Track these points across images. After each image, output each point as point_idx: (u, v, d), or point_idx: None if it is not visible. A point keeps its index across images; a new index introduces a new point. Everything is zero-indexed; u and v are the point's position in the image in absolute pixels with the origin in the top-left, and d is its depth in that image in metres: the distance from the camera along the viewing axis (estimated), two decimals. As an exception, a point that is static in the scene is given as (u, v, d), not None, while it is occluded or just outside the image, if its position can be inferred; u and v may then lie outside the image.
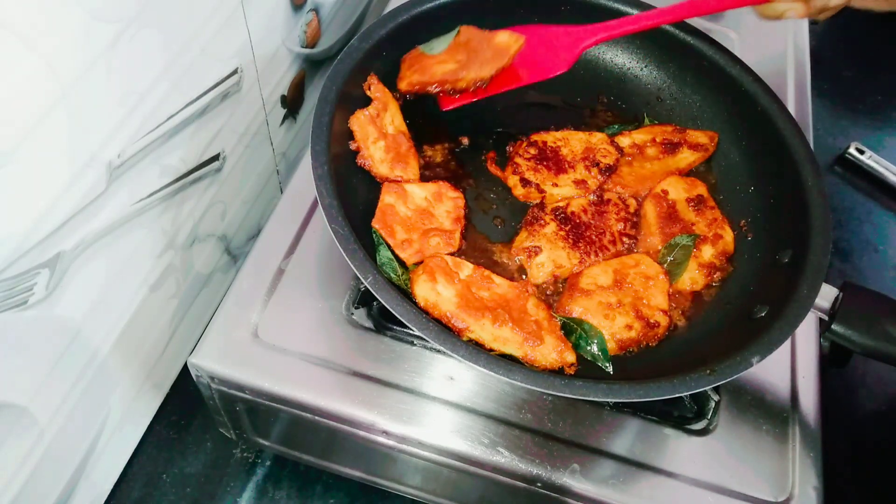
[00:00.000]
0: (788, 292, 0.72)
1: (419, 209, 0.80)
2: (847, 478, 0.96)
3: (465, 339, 0.69)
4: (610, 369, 0.73)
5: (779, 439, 0.74)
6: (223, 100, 0.85)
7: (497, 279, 0.76)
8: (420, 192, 0.81)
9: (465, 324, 0.70)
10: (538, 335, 0.72)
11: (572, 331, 0.75)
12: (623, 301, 0.77)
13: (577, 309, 0.77)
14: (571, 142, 0.89)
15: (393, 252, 0.76)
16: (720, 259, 0.83)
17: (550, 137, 0.89)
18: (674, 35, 0.93)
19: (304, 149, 0.91)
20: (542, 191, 0.85)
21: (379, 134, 0.82)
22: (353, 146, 0.81)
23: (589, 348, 0.74)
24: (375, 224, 0.76)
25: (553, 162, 0.87)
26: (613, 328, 0.76)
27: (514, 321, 0.72)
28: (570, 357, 0.72)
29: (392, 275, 0.74)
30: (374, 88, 0.85)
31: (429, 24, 0.89)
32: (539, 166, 0.86)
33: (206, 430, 0.94)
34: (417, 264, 0.76)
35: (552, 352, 0.71)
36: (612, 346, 0.75)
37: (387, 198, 0.79)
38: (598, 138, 0.90)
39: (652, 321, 0.77)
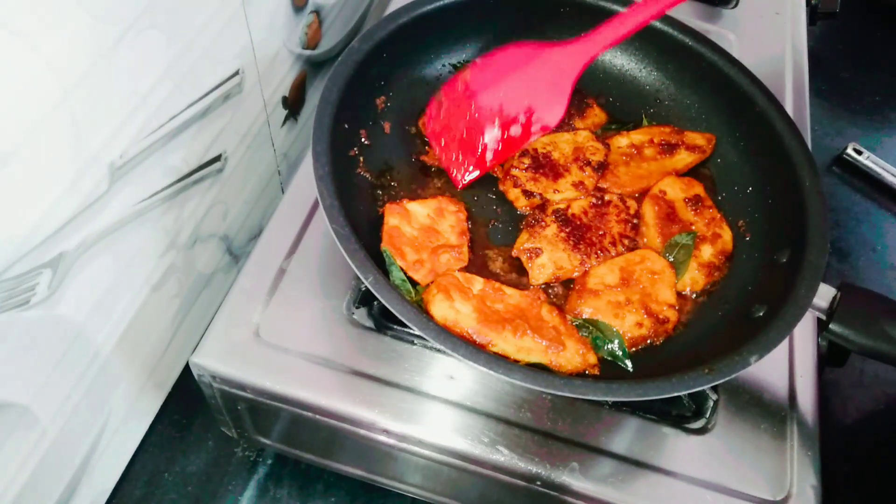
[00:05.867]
0: (786, 292, 0.72)
1: (424, 227, 0.79)
2: (845, 476, 0.97)
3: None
4: (629, 366, 0.74)
5: (777, 438, 0.75)
6: (225, 101, 0.85)
7: (508, 290, 0.76)
8: (422, 210, 0.80)
9: (488, 338, 0.70)
10: (559, 340, 0.72)
11: (588, 332, 0.76)
12: (632, 299, 0.77)
13: (587, 310, 0.77)
14: (560, 144, 0.88)
15: (404, 272, 0.75)
16: (719, 258, 0.83)
17: (539, 144, 0.88)
18: (672, 36, 0.93)
19: (305, 149, 0.91)
20: (544, 199, 0.85)
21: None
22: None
23: (607, 348, 0.75)
24: (384, 246, 0.76)
25: (549, 168, 0.86)
26: (624, 327, 0.76)
27: (533, 330, 0.72)
28: (593, 358, 0.73)
29: (406, 296, 0.73)
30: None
31: (430, 26, 0.89)
32: (537, 175, 0.86)
33: (207, 429, 0.94)
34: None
35: (575, 355, 0.72)
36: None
37: (391, 219, 0.78)
38: (583, 136, 0.89)
39: (661, 317, 0.77)
